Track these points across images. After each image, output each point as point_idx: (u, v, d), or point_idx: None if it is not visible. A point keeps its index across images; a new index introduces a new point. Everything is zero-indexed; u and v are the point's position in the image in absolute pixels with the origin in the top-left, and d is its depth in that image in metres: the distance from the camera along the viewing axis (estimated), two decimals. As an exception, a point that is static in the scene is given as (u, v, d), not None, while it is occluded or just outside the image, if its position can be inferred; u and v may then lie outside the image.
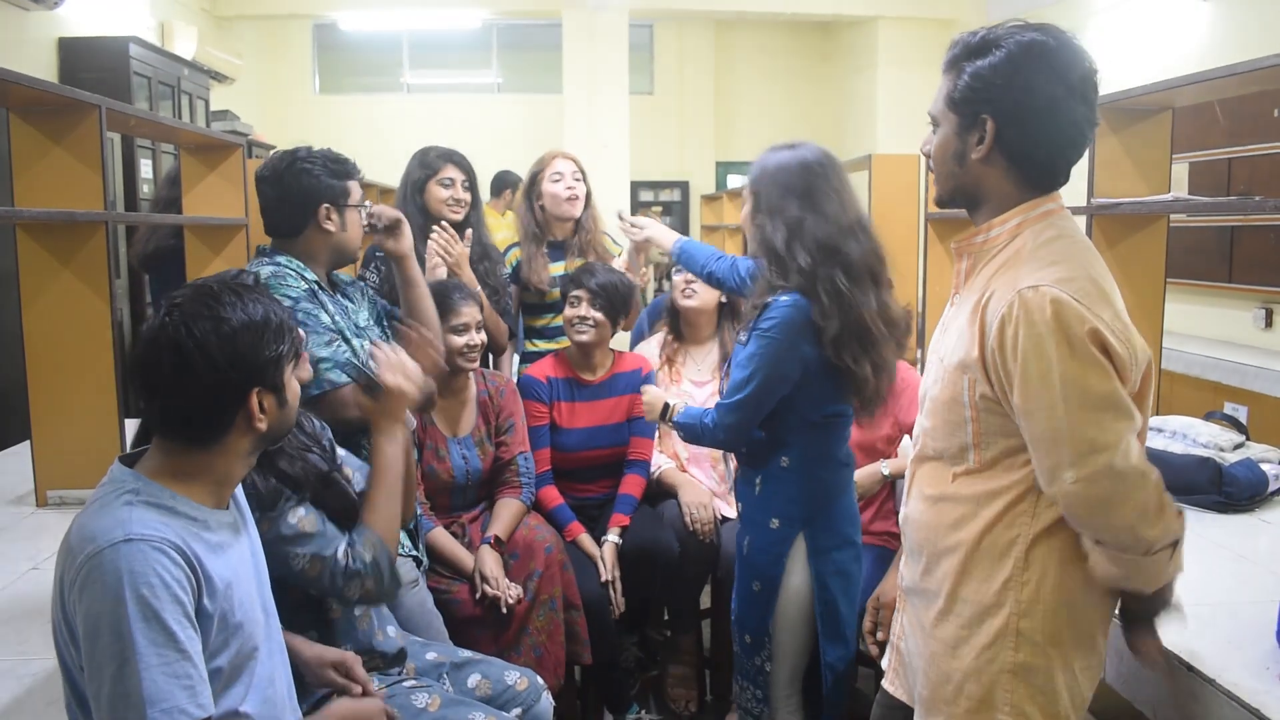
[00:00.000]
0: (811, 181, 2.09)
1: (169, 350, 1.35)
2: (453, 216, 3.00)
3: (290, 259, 2.18)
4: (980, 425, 1.43)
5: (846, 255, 2.06)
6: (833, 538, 2.17)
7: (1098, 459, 1.30)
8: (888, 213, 4.18)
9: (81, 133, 2.50)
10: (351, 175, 2.26)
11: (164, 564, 1.27)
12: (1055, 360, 1.30)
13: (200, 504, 1.39)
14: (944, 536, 1.49)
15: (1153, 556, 1.35)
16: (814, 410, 2.13)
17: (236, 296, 1.41)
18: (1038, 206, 1.43)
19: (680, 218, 10.20)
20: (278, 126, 8.88)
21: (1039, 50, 1.36)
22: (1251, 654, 1.63)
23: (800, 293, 2.04)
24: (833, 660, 2.19)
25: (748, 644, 2.24)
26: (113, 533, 1.27)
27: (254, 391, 1.39)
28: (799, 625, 2.18)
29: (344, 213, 2.23)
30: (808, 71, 10.11)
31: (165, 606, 1.26)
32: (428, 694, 1.88)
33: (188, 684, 1.26)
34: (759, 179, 2.15)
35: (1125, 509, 1.32)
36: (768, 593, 2.18)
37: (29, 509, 2.59)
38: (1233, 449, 2.52)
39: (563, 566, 2.59)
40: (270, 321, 1.42)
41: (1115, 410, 1.31)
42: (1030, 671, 1.43)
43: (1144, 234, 2.88)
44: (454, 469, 2.64)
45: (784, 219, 2.08)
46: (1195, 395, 4.37)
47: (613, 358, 2.97)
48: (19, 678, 1.70)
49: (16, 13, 5.12)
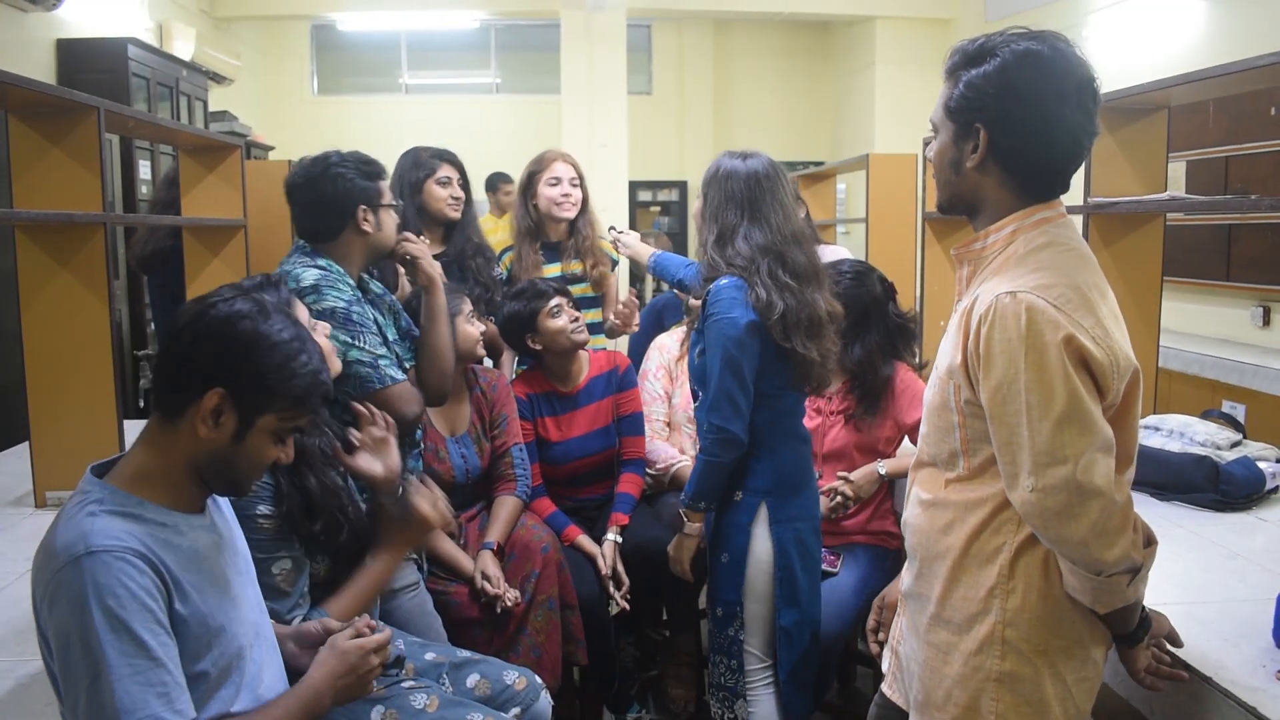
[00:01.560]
0: (757, 192, 2.25)
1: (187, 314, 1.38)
2: (453, 215, 3.01)
3: (331, 263, 2.19)
4: (967, 431, 1.44)
5: (783, 255, 2.22)
6: (793, 508, 2.27)
7: (1056, 471, 1.30)
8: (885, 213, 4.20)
9: (80, 134, 2.50)
10: (382, 176, 2.30)
11: (129, 573, 1.26)
12: (1022, 368, 1.30)
13: (171, 509, 1.37)
14: (935, 542, 1.50)
15: (1107, 579, 1.34)
16: (769, 386, 2.24)
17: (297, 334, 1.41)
18: (1033, 214, 1.42)
19: (678, 218, 10.20)
20: (276, 127, 8.88)
21: (1033, 59, 1.36)
22: (1248, 652, 1.63)
23: (739, 277, 2.19)
24: (787, 624, 2.27)
25: (719, 617, 2.33)
26: (75, 546, 1.26)
27: (218, 391, 1.35)
28: (767, 594, 2.27)
29: (379, 213, 2.26)
30: (806, 71, 10.11)
31: (133, 616, 1.25)
32: (426, 695, 1.88)
33: (162, 691, 1.26)
34: (709, 183, 2.32)
35: (1079, 525, 1.31)
36: (735, 563, 2.27)
37: (28, 510, 2.59)
38: (1230, 447, 2.53)
39: (559, 567, 2.59)
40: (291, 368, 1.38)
41: (1079, 426, 1.30)
42: (1016, 681, 1.42)
43: (1141, 233, 2.88)
44: (454, 469, 2.64)
45: (723, 223, 2.25)
46: (1193, 393, 4.38)
47: (587, 362, 2.96)
48: (17, 678, 1.70)
49: (15, 14, 5.12)
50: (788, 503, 2.27)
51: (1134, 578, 1.35)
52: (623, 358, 3.02)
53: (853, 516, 2.70)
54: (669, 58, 10.16)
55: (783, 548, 2.25)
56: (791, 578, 2.26)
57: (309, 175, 2.22)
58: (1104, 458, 1.31)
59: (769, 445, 2.26)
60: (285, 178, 2.29)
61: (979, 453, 1.44)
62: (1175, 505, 2.45)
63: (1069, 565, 1.36)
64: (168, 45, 6.66)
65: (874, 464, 2.70)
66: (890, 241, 4.01)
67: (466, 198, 3.06)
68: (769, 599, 2.27)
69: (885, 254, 4.11)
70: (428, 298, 2.34)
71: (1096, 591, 1.35)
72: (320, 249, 2.22)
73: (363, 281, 2.30)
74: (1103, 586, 1.34)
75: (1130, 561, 1.33)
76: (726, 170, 2.28)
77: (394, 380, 2.15)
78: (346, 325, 2.10)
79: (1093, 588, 1.35)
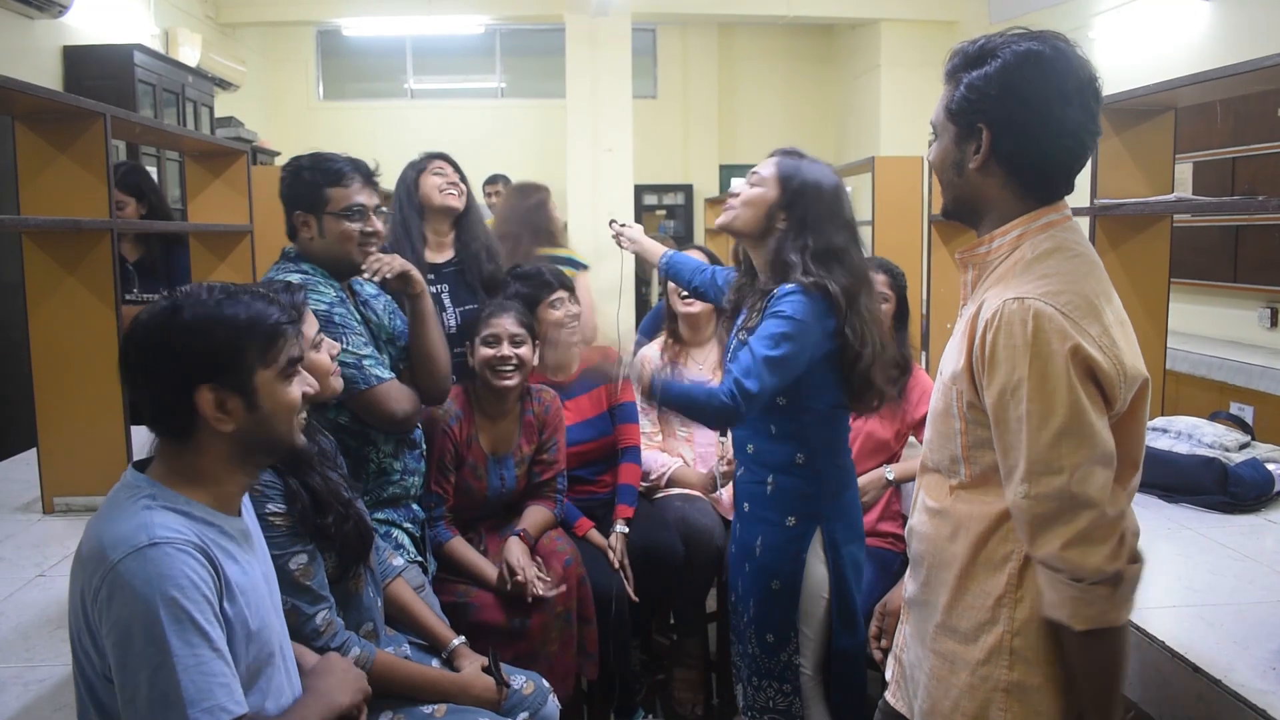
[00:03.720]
0: (849, 214, 2.16)
1: (126, 339, 1.37)
2: (454, 203, 2.91)
3: (314, 268, 2.20)
4: (968, 438, 1.42)
5: (872, 287, 2.17)
6: (846, 531, 2.19)
7: (1051, 480, 1.29)
8: (891, 216, 4.20)
9: (86, 141, 2.51)
10: (338, 183, 2.22)
11: (191, 565, 1.27)
12: (1025, 376, 1.29)
13: (214, 509, 1.39)
14: (942, 549, 1.48)
15: (1086, 588, 1.31)
16: (823, 404, 2.14)
17: (220, 295, 1.39)
18: (1040, 217, 1.41)
19: (684, 221, 10.20)
20: (282, 133, 8.91)
21: (1034, 59, 1.35)
22: (1258, 654, 1.63)
23: (829, 301, 2.05)
24: (846, 647, 2.20)
25: (770, 643, 2.22)
26: (136, 537, 1.26)
27: (204, 388, 1.34)
28: (823, 617, 2.19)
29: (322, 220, 2.21)
30: (811, 74, 10.10)
31: (196, 607, 1.26)
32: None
33: (224, 681, 1.27)
34: (803, 190, 2.13)
35: (1065, 531, 1.30)
36: (789, 590, 2.17)
37: (35, 516, 2.60)
38: (1238, 449, 2.52)
39: (580, 580, 2.57)
40: (234, 321, 1.37)
41: (1078, 437, 1.28)
42: (1025, 691, 1.40)
43: (1148, 234, 2.88)
44: (489, 487, 2.62)
45: (827, 240, 2.09)
46: (1201, 395, 4.37)
47: (578, 354, 2.93)
48: (26, 684, 1.71)
49: (21, 21, 5.14)
50: (842, 525, 2.18)
51: (1115, 591, 1.31)
52: (613, 350, 3.01)
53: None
54: (674, 61, 10.16)
55: (840, 574, 2.17)
56: (849, 605, 2.19)
57: (283, 174, 2.24)
58: (1102, 470, 1.30)
59: (822, 469, 2.16)
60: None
61: (980, 460, 1.42)
62: (1183, 507, 2.45)
63: (1048, 577, 1.34)
64: (174, 52, 6.69)
65: (880, 470, 2.70)
66: (896, 245, 4.00)
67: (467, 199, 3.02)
68: (824, 622, 2.19)
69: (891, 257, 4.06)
70: (415, 304, 2.31)
71: (1075, 603, 1.32)
72: (302, 252, 2.23)
73: (351, 285, 2.30)
74: (1082, 597, 1.31)
75: (1113, 570, 1.30)
76: (819, 179, 2.14)
77: (380, 380, 2.15)
78: (329, 327, 2.10)
79: (1071, 598, 1.32)
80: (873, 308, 2.13)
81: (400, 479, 2.32)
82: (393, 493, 2.31)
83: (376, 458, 2.27)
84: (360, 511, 1.84)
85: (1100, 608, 1.31)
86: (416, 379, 2.31)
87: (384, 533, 2.25)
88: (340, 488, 1.81)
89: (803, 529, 2.16)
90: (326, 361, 1.92)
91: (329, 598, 1.77)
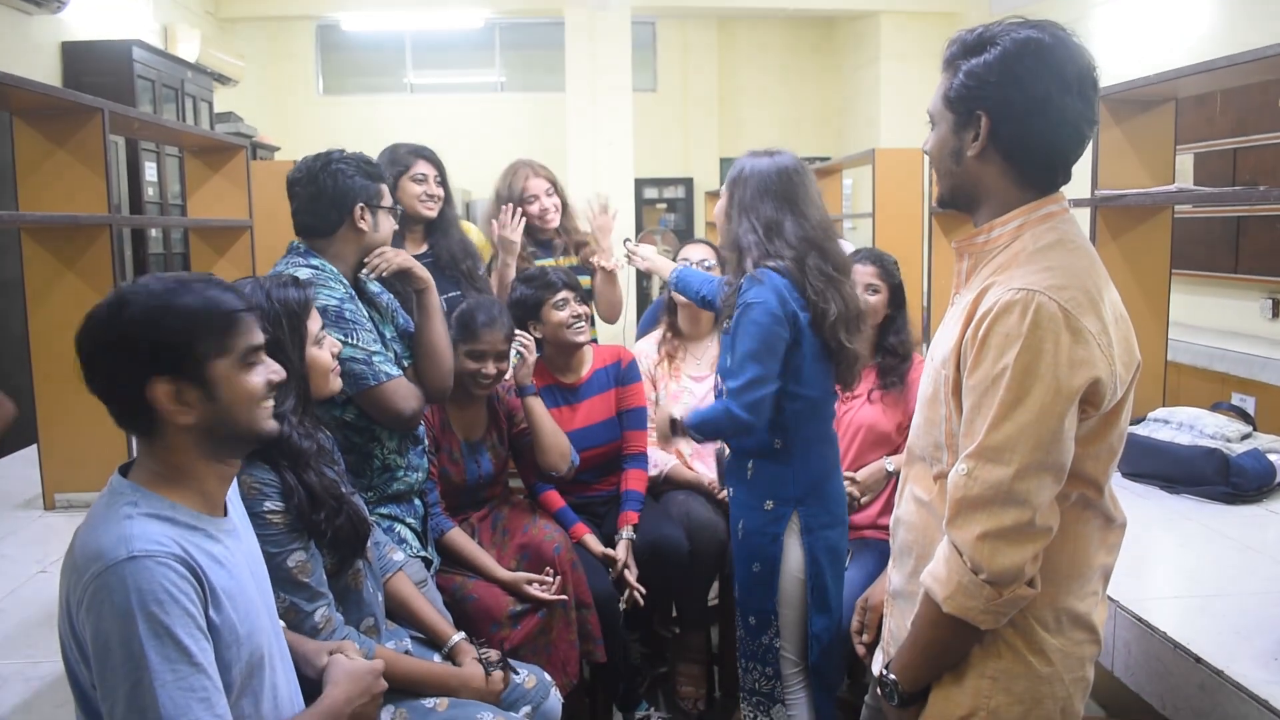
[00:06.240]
0: (790, 187, 2.22)
1: (77, 336, 1.33)
2: (426, 213, 3.00)
3: (324, 263, 2.20)
4: (952, 425, 1.41)
5: (824, 248, 2.22)
6: (823, 516, 2.24)
7: (994, 469, 1.29)
8: (891, 208, 4.20)
9: (85, 136, 2.51)
10: (382, 178, 2.30)
11: (171, 578, 1.25)
12: (1010, 364, 1.29)
13: (197, 511, 1.37)
14: (930, 541, 1.48)
15: (978, 583, 1.31)
16: (804, 390, 2.19)
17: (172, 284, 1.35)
18: (1040, 208, 1.41)
19: (684, 214, 10.19)
20: (282, 128, 8.90)
21: (1034, 47, 1.35)
22: (1260, 645, 1.63)
23: (784, 276, 2.15)
24: (819, 631, 2.26)
25: (752, 625, 2.30)
26: (117, 550, 1.25)
27: (158, 380, 1.30)
28: (799, 600, 2.25)
29: (377, 214, 2.27)
30: (811, 67, 10.09)
31: (176, 621, 1.24)
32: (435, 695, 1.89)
33: (203, 696, 1.25)
34: (737, 181, 2.26)
35: (988, 522, 1.30)
36: (768, 572, 2.24)
37: (36, 512, 2.60)
38: (1240, 439, 2.52)
39: (573, 565, 2.59)
40: (184, 310, 1.33)
41: (1036, 439, 1.28)
42: (1012, 679, 1.41)
43: (1149, 225, 2.87)
44: (466, 471, 2.65)
45: (760, 217, 2.21)
46: (1202, 386, 4.36)
47: (591, 355, 2.96)
48: (27, 680, 1.71)
49: (20, 17, 5.14)
50: (818, 510, 2.24)
51: (999, 599, 1.31)
52: (626, 352, 3.02)
53: (862, 511, 2.70)
54: (674, 54, 10.15)
55: (814, 556, 2.22)
56: (822, 585, 2.24)
57: (310, 170, 2.23)
58: (1049, 479, 1.29)
59: (802, 452, 2.22)
60: (287, 173, 2.30)
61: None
62: (1185, 498, 2.45)
63: (948, 555, 1.34)
64: (173, 47, 6.69)
65: (881, 461, 2.70)
66: (897, 236, 4.00)
67: (446, 196, 3.06)
68: (801, 606, 2.25)
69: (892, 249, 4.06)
70: (421, 299, 2.33)
71: (960, 589, 1.32)
72: (315, 247, 2.23)
73: (358, 281, 2.30)
74: (969, 588, 1.31)
75: (1012, 579, 1.30)
76: (755, 166, 2.25)
77: (389, 376, 2.16)
78: (339, 323, 2.10)
79: (959, 583, 1.32)
80: (825, 270, 2.19)
81: (405, 475, 2.32)
82: (397, 489, 2.31)
83: (381, 454, 2.28)
84: (355, 506, 1.84)
85: (979, 606, 1.32)
86: (420, 374, 2.31)
87: (388, 528, 2.25)
88: (337, 484, 1.80)
89: (779, 512, 2.23)
90: (327, 359, 1.91)
91: (327, 594, 1.77)
